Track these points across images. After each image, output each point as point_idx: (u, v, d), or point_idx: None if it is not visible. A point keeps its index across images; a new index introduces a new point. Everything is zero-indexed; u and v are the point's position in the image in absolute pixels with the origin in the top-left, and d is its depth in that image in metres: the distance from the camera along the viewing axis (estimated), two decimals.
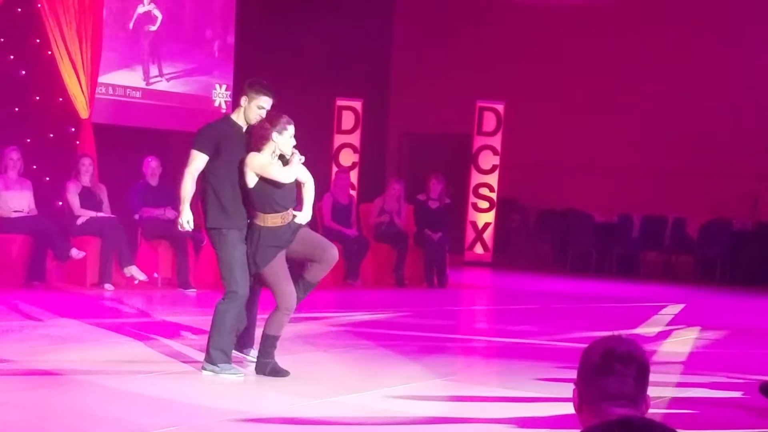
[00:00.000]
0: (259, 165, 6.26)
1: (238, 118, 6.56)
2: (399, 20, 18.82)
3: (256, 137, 6.31)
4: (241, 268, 6.41)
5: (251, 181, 6.27)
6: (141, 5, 13.61)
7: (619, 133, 17.18)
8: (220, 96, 14.65)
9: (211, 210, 6.50)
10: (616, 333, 2.76)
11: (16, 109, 12.18)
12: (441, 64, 18.21)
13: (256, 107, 6.47)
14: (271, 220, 6.31)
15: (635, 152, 16.98)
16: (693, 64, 16.64)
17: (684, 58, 16.68)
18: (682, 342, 9.01)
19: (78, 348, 7.27)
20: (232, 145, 6.44)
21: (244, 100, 6.55)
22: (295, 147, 6.41)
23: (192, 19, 14.40)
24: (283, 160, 6.38)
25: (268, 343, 6.44)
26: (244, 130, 6.49)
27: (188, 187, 6.51)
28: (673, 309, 11.57)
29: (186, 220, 6.54)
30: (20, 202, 10.73)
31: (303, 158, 6.41)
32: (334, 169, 15.46)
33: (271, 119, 6.36)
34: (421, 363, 7.31)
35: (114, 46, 13.13)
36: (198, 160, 6.48)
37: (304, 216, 6.53)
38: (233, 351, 6.64)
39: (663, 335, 9.32)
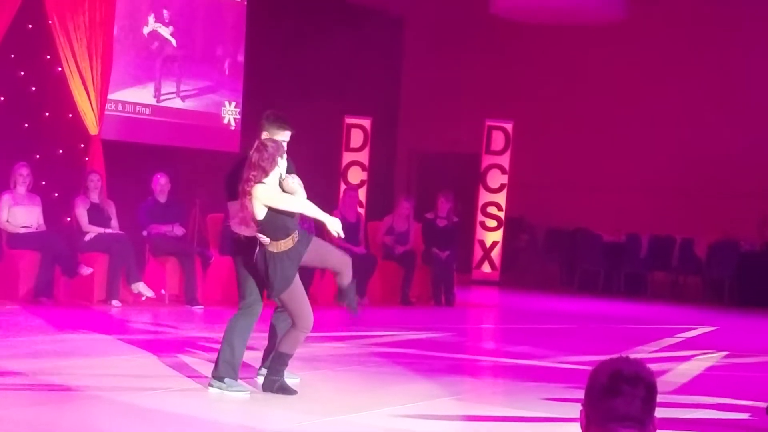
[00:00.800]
0: (269, 197, 6.19)
1: None
2: (409, 39, 18.87)
3: (268, 163, 6.18)
4: (257, 284, 6.46)
5: (261, 212, 6.21)
6: (146, 26, 13.66)
7: (627, 152, 17.20)
8: (230, 113, 14.69)
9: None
10: (623, 354, 2.76)
11: (26, 125, 12.23)
12: (450, 83, 18.26)
13: None
14: (284, 245, 6.30)
15: (643, 172, 16.98)
16: (702, 84, 16.65)
17: (693, 78, 16.69)
18: (690, 364, 8.98)
19: (84, 364, 7.27)
20: None
21: (265, 135, 6.50)
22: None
23: (203, 37, 14.46)
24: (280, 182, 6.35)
25: (280, 360, 6.44)
26: None
27: (245, 230, 6.41)
28: (682, 331, 11.54)
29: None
30: (29, 217, 10.76)
31: (297, 178, 6.39)
32: (343, 186, 15.49)
33: (267, 144, 6.27)
34: (429, 382, 7.30)
35: (124, 62, 13.18)
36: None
37: (332, 223, 6.52)
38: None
39: (672, 358, 9.29)
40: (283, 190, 6.31)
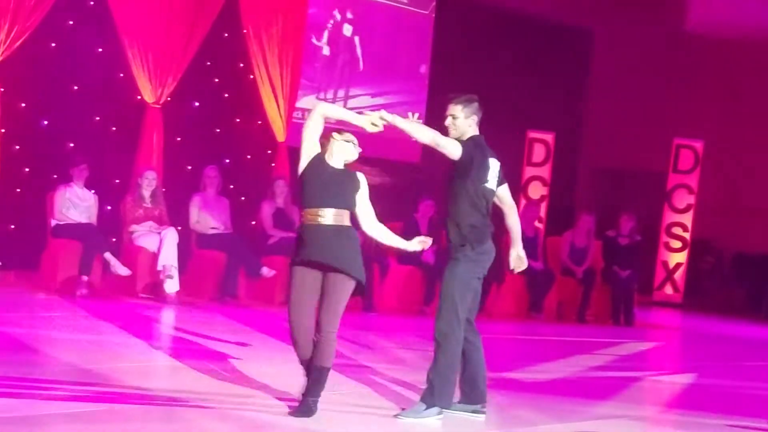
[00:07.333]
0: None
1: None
2: (597, 53, 18.56)
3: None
4: None
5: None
6: (331, 36, 13.88)
7: None
8: None
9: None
10: None
11: (218, 130, 12.63)
12: (638, 99, 17.85)
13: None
14: None
15: None
16: None
17: None
18: None
19: (266, 366, 7.41)
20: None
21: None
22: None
23: (387, 47, 14.60)
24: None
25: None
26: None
27: None
28: None
29: None
30: (217, 219, 11.09)
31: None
32: (523, 201, 15.36)
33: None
34: (608, 402, 7.14)
35: (311, 71, 13.45)
36: None
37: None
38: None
39: None
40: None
